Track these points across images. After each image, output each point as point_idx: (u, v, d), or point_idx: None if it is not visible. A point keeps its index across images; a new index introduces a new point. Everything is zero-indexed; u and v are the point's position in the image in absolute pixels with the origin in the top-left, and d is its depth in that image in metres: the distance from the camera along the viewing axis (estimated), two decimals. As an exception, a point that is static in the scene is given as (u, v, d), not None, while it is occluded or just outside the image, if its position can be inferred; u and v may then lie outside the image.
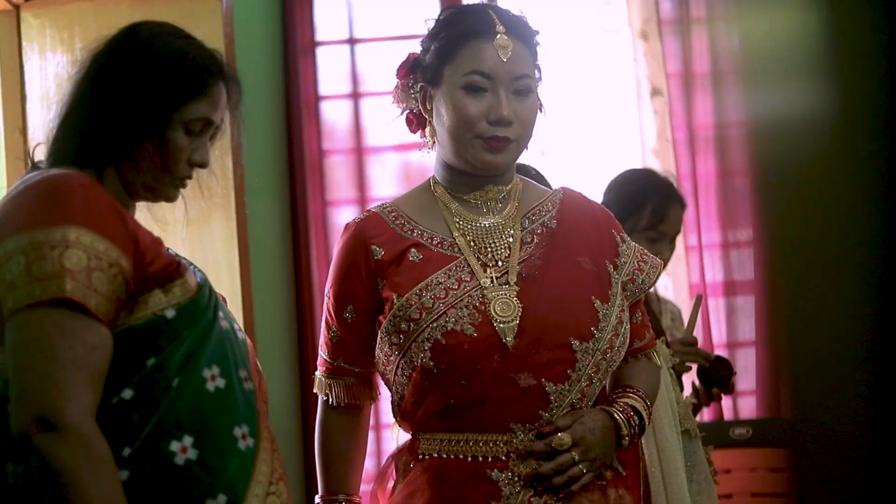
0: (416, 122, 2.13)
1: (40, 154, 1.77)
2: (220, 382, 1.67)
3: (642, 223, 2.96)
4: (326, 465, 2.16)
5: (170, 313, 1.65)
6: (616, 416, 2.03)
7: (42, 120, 3.54)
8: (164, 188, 1.78)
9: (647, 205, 2.99)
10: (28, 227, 1.57)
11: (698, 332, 4.45)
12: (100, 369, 1.57)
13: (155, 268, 1.65)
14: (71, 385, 1.53)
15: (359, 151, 4.44)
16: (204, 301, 1.71)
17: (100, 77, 1.74)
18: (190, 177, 1.80)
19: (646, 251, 2.20)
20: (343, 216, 4.49)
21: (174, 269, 1.68)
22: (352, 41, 4.48)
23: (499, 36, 2.02)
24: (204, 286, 1.73)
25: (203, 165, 1.80)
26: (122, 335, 1.62)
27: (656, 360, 2.18)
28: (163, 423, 1.61)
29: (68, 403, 1.52)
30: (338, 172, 4.42)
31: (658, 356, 2.19)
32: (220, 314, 1.75)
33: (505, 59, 2.01)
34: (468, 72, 2.01)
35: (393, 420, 2.15)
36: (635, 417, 2.05)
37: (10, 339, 1.55)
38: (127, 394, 1.61)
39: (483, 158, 2.03)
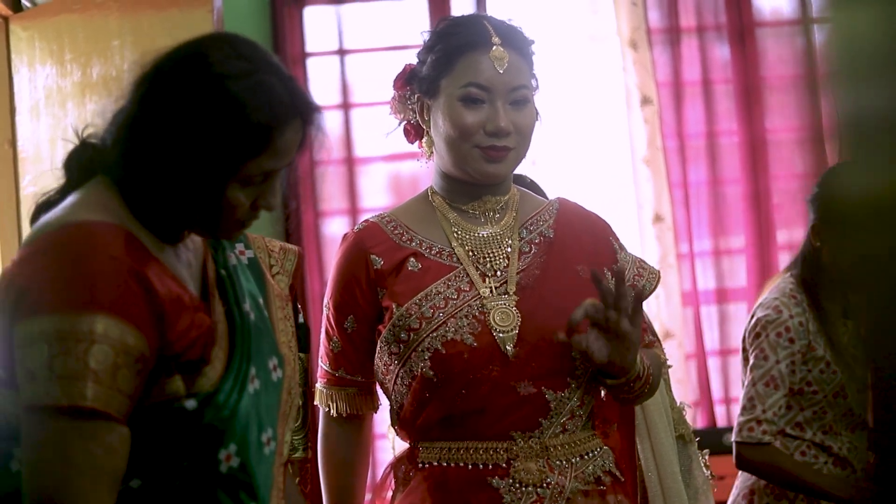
0: (414, 132, 2.14)
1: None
2: (235, 462, 1.58)
3: None
4: (330, 477, 2.16)
5: (190, 404, 1.54)
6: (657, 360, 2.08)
7: (31, 132, 3.53)
8: (215, 234, 1.65)
9: None
10: (53, 310, 1.45)
11: (692, 341, 4.46)
12: (118, 470, 1.49)
13: (180, 346, 1.53)
14: (88, 492, 1.45)
15: (349, 162, 4.45)
16: (227, 388, 1.57)
17: (155, 106, 1.54)
18: (253, 219, 1.62)
19: (644, 260, 2.21)
20: (334, 226, 4.50)
21: (201, 349, 1.56)
22: (342, 52, 4.49)
23: (495, 48, 2.02)
24: (232, 367, 1.59)
25: (270, 209, 1.62)
26: (136, 413, 1.52)
27: (660, 354, 2.18)
28: None
29: None
30: (329, 183, 4.42)
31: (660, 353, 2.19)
32: (252, 369, 1.62)
33: (501, 71, 2.02)
34: (465, 84, 2.02)
35: (387, 429, 2.14)
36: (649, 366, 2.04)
37: (27, 436, 1.47)
38: (135, 483, 1.53)
39: (482, 169, 2.04)
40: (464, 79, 2.02)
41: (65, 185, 1.63)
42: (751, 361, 2.78)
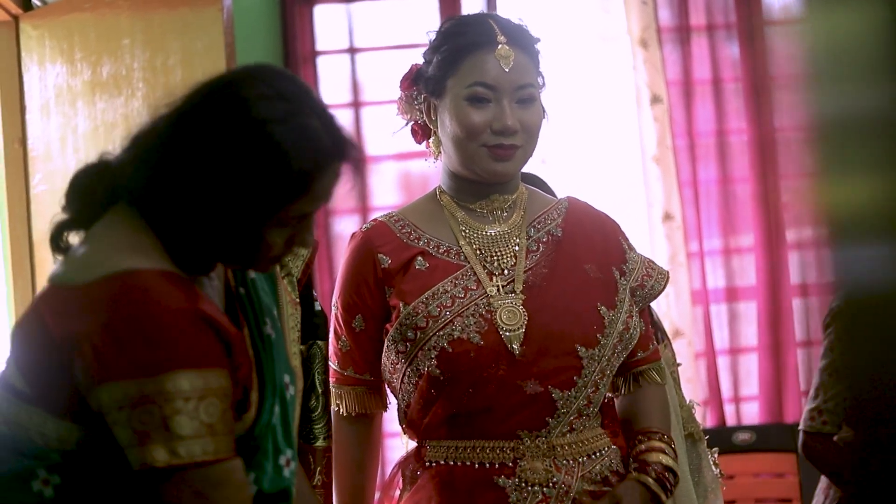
0: (421, 132, 2.14)
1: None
2: (252, 489, 1.61)
3: None
4: (340, 476, 2.16)
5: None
6: (652, 487, 2.02)
7: (42, 130, 3.54)
8: (249, 268, 1.66)
9: None
10: (154, 373, 1.46)
11: (701, 339, 4.46)
12: (250, 498, 1.56)
13: (234, 381, 1.56)
14: None
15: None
16: (259, 432, 1.61)
17: (193, 147, 1.52)
18: (288, 254, 1.63)
19: (653, 261, 2.21)
20: (344, 225, 4.49)
21: (241, 392, 1.59)
22: (352, 50, 4.49)
23: (500, 46, 2.02)
24: (264, 409, 1.61)
25: (305, 247, 1.64)
26: None
27: (660, 379, 2.17)
28: None
29: None
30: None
31: (659, 373, 2.17)
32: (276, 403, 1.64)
33: (507, 69, 2.02)
34: (471, 83, 2.02)
35: (400, 428, 2.15)
36: (670, 476, 2.04)
37: (168, 497, 1.50)
38: None
39: (490, 168, 2.04)
40: (470, 78, 2.02)
41: (83, 207, 1.61)
42: (821, 350, 2.78)
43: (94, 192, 1.60)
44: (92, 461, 1.54)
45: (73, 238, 1.62)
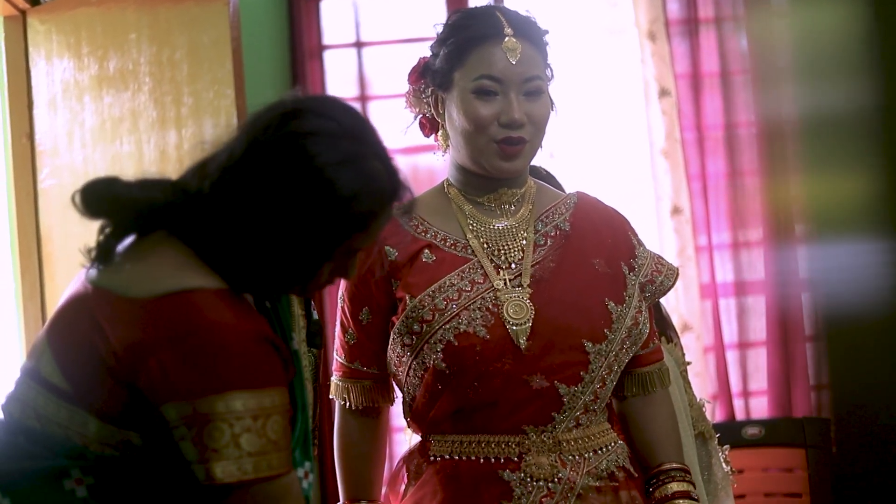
0: (430, 125, 2.13)
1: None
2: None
3: None
4: (347, 470, 2.15)
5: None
6: None
7: (49, 125, 3.54)
8: (295, 294, 1.71)
9: None
10: (231, 387, 1.50)
11: (710, 334, 4.44)
12: None
13: None
14: None
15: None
16: (293, 443, 1.64)
17: (254, 186, 1.55)
18: (330, 283, 1.69)
19: (662, 256, 2.19)
20: (351, 219, 4.48)
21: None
22: (359, 44, 4.48)
23: (507, 38, 2.01)
24: (296, 429, 1.65)
25: (348, 279, 1.74)
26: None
27: (663, 383, 2.16)
28: None
29: None
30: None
31: (662, 377, 2.16)
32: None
33: (514, 62, 2.00)
34: (478, 76, 2.01)
35: (405, 423, 2.14)
36: None
37: None
38: None
39: (497, 165, 2.03)
40: (476, 71, 2.01)
41: (118, 226, 1.61)
42: None
43: (139, 208, 1.60)
44: (132, 466, 1.55)
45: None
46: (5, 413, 1.61)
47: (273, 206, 1.54)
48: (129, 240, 1.61)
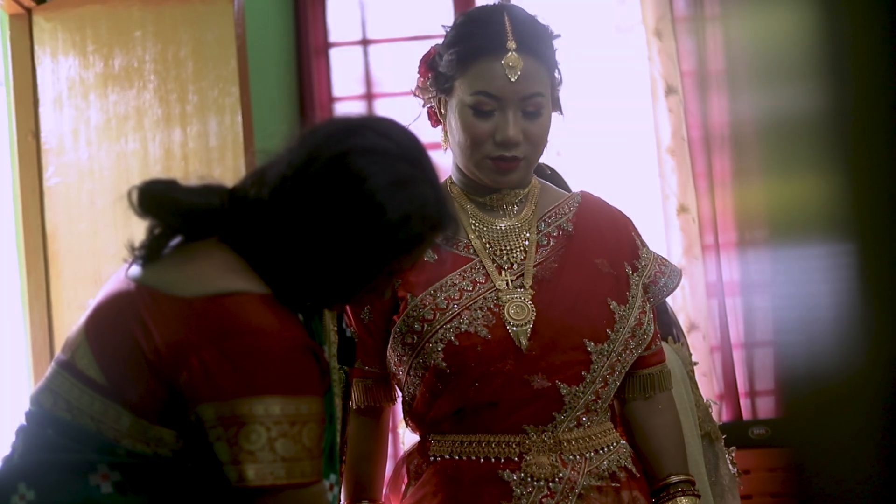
0: (436, 117, 2.12)
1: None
2: None
3: None
4: (349, 470, 2.15)
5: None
6: None
7: (54, 123, 3.54)
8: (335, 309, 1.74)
9: None
10: (271, 391, 1.51)
11: (717, 333, 4.43)
12: None
13: None
14: None
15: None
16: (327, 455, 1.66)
17: (305, 210, 1.57)
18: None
19: (665, 258, 2.18)
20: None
21: None
22: (365, 42, 4.47)
23: (509, 54, 1.98)
24: (325, 442, 1.65)
25: (381, 297, 1.81)
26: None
27: (665, 386, 2.15)
28: None
29: None
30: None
31: (664, 380, 2.15)
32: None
33: (514, 79, 1.97)
34: (476, 91, 1.98)
35: (400, 423, 2.14)
36: None
37: None
38: None
39: (494, 179, 2.03)
40: (475, 86, 1.98)
41: (169, 227, 1.62)
42: None
43: (196, 211, 1.62)
44: (161, 464, 1.55)
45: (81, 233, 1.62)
46: (35, 404, 1.61)
47: (323, 222, 1.56)
48: (175, 241, 1.63)
